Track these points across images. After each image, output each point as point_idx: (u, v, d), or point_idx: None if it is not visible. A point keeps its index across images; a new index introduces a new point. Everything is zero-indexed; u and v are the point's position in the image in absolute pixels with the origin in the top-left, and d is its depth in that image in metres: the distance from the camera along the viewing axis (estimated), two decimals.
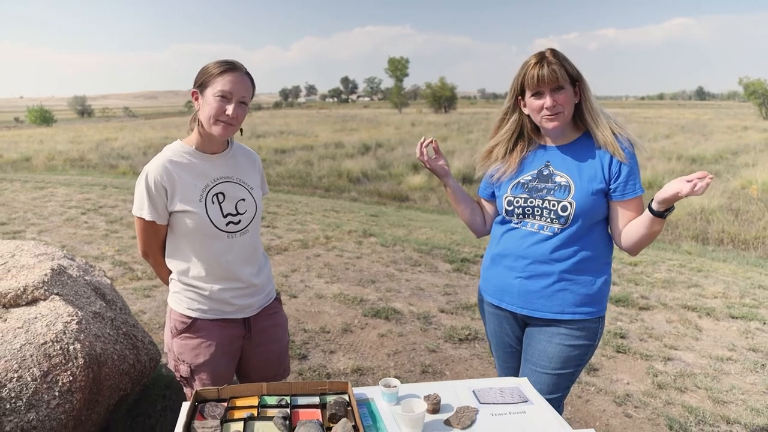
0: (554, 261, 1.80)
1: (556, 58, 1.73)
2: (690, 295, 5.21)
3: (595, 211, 1.78)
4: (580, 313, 1.82)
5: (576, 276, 1.81)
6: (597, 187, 1.76)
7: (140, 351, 2.47)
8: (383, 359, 3.64)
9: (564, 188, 1.78)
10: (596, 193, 1.76)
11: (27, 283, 2.23)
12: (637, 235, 1.75)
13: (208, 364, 1.78)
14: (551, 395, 1.86)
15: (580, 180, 1.77)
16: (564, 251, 1.79)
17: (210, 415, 1.43)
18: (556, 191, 1.79)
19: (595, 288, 1.83)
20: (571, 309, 1.82)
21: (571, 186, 1.77)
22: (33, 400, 1.79)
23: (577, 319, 1.82)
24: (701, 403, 3.22)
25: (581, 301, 1.81)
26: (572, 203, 1.76)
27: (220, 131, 1.69)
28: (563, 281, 1.81)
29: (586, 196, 1.75)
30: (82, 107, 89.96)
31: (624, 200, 1.77)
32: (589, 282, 1.82)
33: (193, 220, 1.72)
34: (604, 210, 1.80)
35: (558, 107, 1.74)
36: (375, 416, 1.51)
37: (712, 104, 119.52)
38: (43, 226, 7.14)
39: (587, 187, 1.76)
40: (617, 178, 1.75)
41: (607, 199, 1.79)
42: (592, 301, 1.83)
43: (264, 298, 1.91)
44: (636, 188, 1.75)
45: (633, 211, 1.77)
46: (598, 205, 1.78)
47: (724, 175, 14.70)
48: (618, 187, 1.75)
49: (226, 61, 1.70)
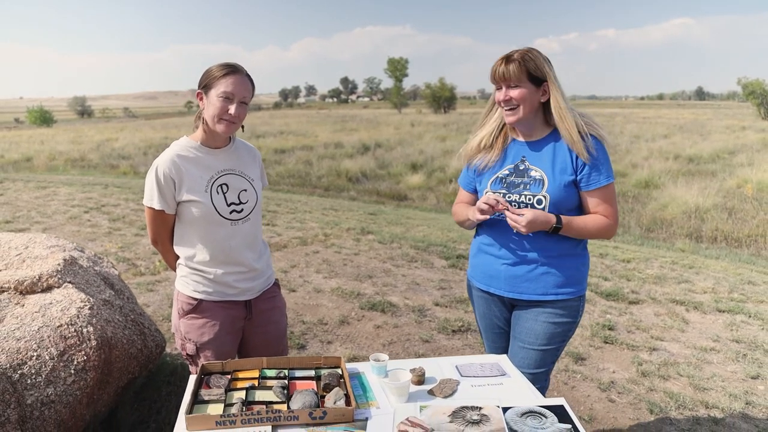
0: (535, 248, 1.96)
1: (522, 58, 1.87)
2: (680, 290, 5.34)
3: (568, 201, 1.94)
4: (563, 294, 1.99)
5: (556, 260, 1.97)
6: (568, 179, 1.91)
7: (147, 337, 2.61)
8: (378, 349, 3.78)
9: (538, 182, 1.93)
10: (568, 185, 1.91)
11: (42, 272, 2.37)
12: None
13: (212, 342, 1.93)
14: (538, 369, 2.04)
15: (553, 174, 1.92)
16: (543, 239, 1.95)
17: (215, 385, 1.58)
18: (531, 185, 1.94)
19: (574, 270, 1.99)
20: (553, 290, 1.98)
21: (545, 180, 1.92)
22: (51, 376, 1.94)
23: (560, 299, 1.99)
24: (683, 389, 3.36)
25: (563, 282, 1.98)
26: (546, 197, 1.91)
27: (224, 129, 1.86)
28: (545, 266, 1.97)
29: (559, 188, 1.91)
30: (82, 108, 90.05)
31: (588, 190, 1.93)
32: (568, 265, 1.98)
33: (199, 208, 1.87)
34: (576, 199, 1.96)
35: (512, 102, 1.90)
36: (365, 387, 1.66)
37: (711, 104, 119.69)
38: (47, 224, 7.28)
39: (560, 179, 1.91)
40: (582, 170, 1.91)
41: (578, 189, 1.94)
42: (573, 282, 1.99)
43: (264, 282, 2.06)
44: (600, 179, 1.90)
45: (597, 200, 1.93)
46: (570, 196, 1.93)
47: (720, 175, 14.84)
48: (582, 178, 1.92)
49: (228, 64, 1.86)
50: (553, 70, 1.90)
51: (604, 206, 1.93)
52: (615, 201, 1.96)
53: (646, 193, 13.22)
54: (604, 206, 1.93)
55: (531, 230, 1.87)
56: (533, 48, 1.91)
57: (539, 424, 1.44)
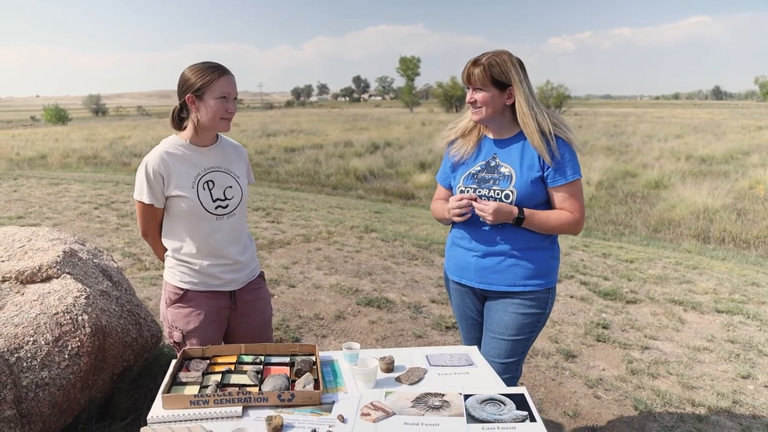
0: (503, 241, 2.04)
1: (488, 63, 1.94)
2: (680, 291, 5.35)
3: (535, 197, 2.01)
4: (531, 285, 2.06)
5: (524, 253, 2.04)
6: (535, 175, 1.99)
7: (143, 327, 2.72)
8: (371, 343, 3.86)
9: (507, 178, 2.01)
10: (535, 180, 1.99)
11: (42, 263, 2.49)
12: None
13: (197, 330, 2.03)
14: (509, 359, 2.12)
15: (521, 170, 2.00)
16: (511, 232, 2.02)
17: (194, 369, 1.68)
18: (500, 181, 2.02)
19: (542, 263, 2.06)
20: (522, 282, 2.05)
21: (513, 176, 2.00)
22: (46, 360, 2.05)
23: (528, 290, 2.05)
24: (671, 387, 3.40)
25: (530, 274, 2.05)
26: (513, 191, 1.99)
27: (226, 126, 1.99)
28: (513, 257, 2.04)
29: (526, 184, 1.98)
30: (97, 106, 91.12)
31: (554, 186, 2.00)
32: (536, 258, 2.05)
33: (186, 203, 1.97)
34: (543, 195, 2.03)
35: (476, 104, 1.98)
36: (336, 373, 1.75)
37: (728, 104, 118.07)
38: (58, 220, 7.46)
39: (527, 176, 1.98)
40: (547, 168, 1.98)
41: (545, 185, 2.01)
42: (541, 274, 2.06)
43: (248, 274, 2.16)
44: (566, 176, 1.97)
45: (563, 195, 2.00)
46: (538, 191, 2.01)
47: (732, 175, 14.72)
48: (549, 175, 1.99)
49: (215, 65, 1.95)
50: (521, 73, 1.96)
51: (569, 202, 2.00)
52: (581, 197, 2.03)
53: (655, 193, 13.17)
54: (569, 202, 2.00)
55: (497, 219, 1.94)
56: (504, 52, 1.97)
57: (497, 411, 1.52)
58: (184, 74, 1.96)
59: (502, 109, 2.00)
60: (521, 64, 2.00)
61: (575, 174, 1.99)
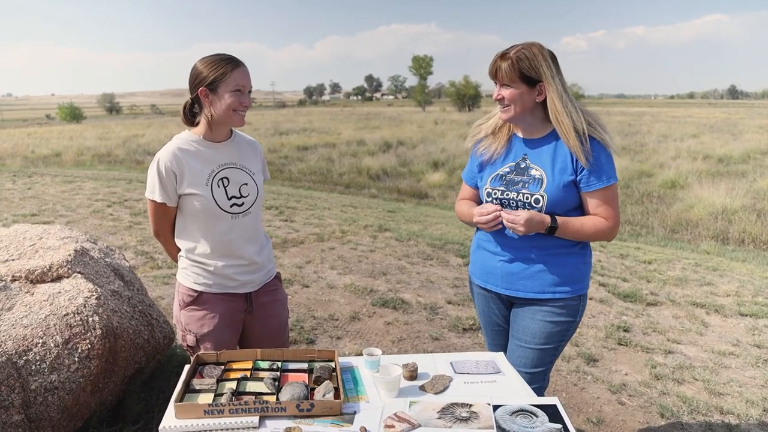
0: (532, 247, 1.93)
1: (516, 57, 1.81)
2: (701, 293, 5.21)
3: (567, 201, 1.89)
4: (560, 292, 1.95)
5: (554, 258, 1.93)
6: (568, 179, 1.86)
7: (155, 328, 2.66)
8: (388, 345, 3.78)
9: (537, 181, 1.89)
10: (567, 185, 1.87)
11: (52, 262, 2.43)
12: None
13: (212, 334, 1.95)
14: (536, 368, 2.01)
15: (552, 174, 1.88)
16: (540, 237, 1.91)
17: (208, 375, 1.60)
18: (530, 184, 1.90)
19: (573, 269, 1.95)
20: (551, 288, 1.94)
21: (544, 179, 1.88)
22: (55, 363, 1.99)
23: (558, 297, 1.94)
24: (697, 394, 3.28)
25: (560, 281, 1.94)
26: (544, 196, 1.87)
27: (240, 120, 1.91)
28: (542, 263, 1.94)
29: (557, 189, 1.86)
30: (111, 104, 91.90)
31: (588, 191, 1.88)
32: (566, 264, 1.94)
33: (200, 202, 1.89)
34: (575, 200, 1.91)
35: (504, 101, 1.87)
36: (357, 381, 1.66)
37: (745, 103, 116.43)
38: (71, 218, 7.46)
39: (559, 180, 1.87)
40: (581, 171, 1.86)
41: (578, 189, 1.90)
42: (571, 280, 1.95)
43: (264, 276, 2.08)
44: (600, 181, 1.85)
45: (597, 201, 1.88)
46: (570, 196, 1.89)
47: (750, 175, 14.44)
48: (582, 179, 1.87)
49: (228, 57, 1.87)
50: (553, 68, 1.83)
51: (603, 207, 1.88)
52: (616, 203, 1.91)
53: (671, 193, 12.94)
54: (604, 207, 1.88)
55: (528, 230, 1.84)
56: (534, 44, 1.84)
57: (529, 423, 1.42)
58: (195, 67, 1.88)
59: (533, 107, 1.89)
60: (554, 57, 1.86)
61: (611, 178, 1.86)
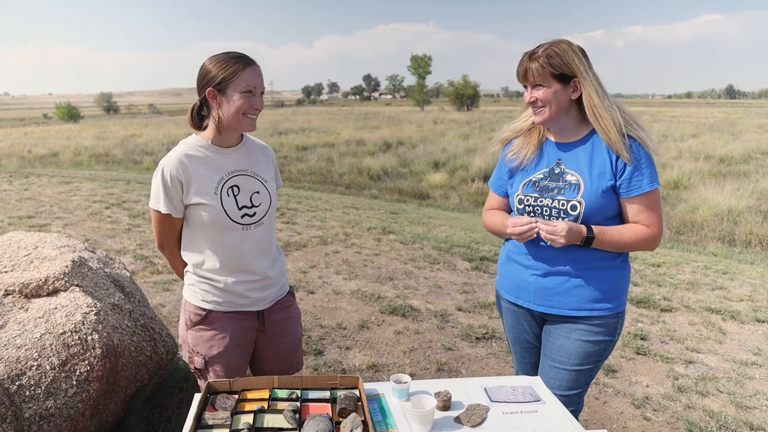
0: (568, 259, 1.79)
1: (545, 55, 1.70)
2: (714, 298, 5.08)
3: (606, 208, 1.75)
4: (598, 309, 1.80)
5: (591, 273, 1.79)
6: (607, 184, 1.73)
7: (157, 343, 2.50)
8: (399, 356, 3.63)
9: (574, 187, 1.75)
10: (606, 190, 1.73)
11: (48, 274, 2.27)
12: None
13: (222, 356, 1.80)
14: (571, 391, 1.86)
15: (590, 179, 1.74)
16: (577, 249, 1.77)
17: (221, 407, 1.45)
18: (566, 190, 1.76)
19: (611, 284, 1.81)
20: (588, 305, 1.80)
21: (581, 185, 1.74)
22: (51, 388, 1.83)
23: (595, 315, 1.80)
24: (723, 407, 3.14)
25: (598, 297, 1.79)
26: (582, 202, 1.73)
27: (249, 124, 1.74)
28: (578, 278, 1.79)
29: (596, 194, 1.73)
30: (108, 104, 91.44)
31: (629, 197, 1.74)
32: (605, 278, 1.79)
33: (208, 212, 1.74)
34: (615, 207, 1.77)
35: (537, 102, 1.74)
36: (385, 411, 1.51)
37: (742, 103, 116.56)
38: (68, 220, 7.29)
39: (597, 185, 1.73)
40: (622, 175, 1.72)
41: (617, 195, 1.76)
42: (610, 297, 1.81)
43: (278, 291, 1.92)
44: (643, 185, 1.71)
45: (639, 207, 1.74)
46: (609, 203, 1.75)
47: (753, 176, 14.33)
48: (623, 184, 1.72)
49: (238, 55, 1.72)
50: (585, 62, 1.71)
51: (645, 214, 1.73)
52: (659, 208, 1.76)
53: (675, 194, 12.81)
54: (646, 214, 1.73)
55: (568, 242, 1.69)
56: (563, 40, 1.72)
57: None
58: (204, 66, 1.73)
59: (568, 107, 1.75)
60: (584, 52, 1.74)
61: (653, 183, 1.72)
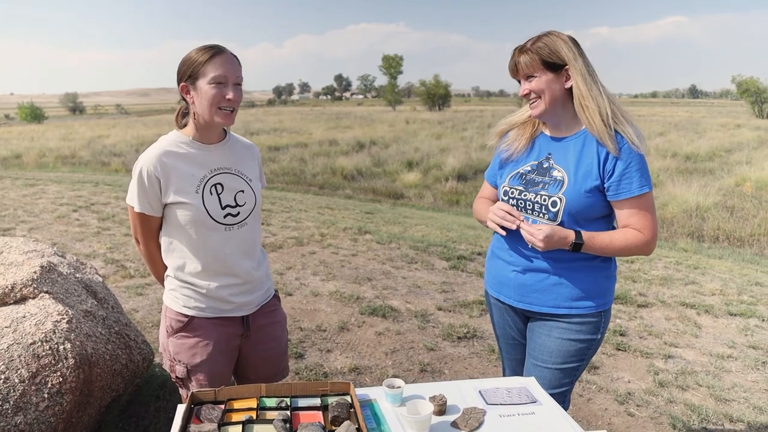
0: (546, 258, 1.76)
1: (535, 46, 1.68)
2: (688, 293, 5.18)
3: (591, 209, 1.70)
4: (578, 308, 1.77)
5: (571, 271, 1.75)
6: (592, 184, 1.67)
7: (133, 350, 2.40)
8: (381, 358, 3.58)
9: (558, 183, 1.71)
10: (591, 191, 1.68)
11: (15, 281, 2.15)
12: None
13: (205, 364, 1.71)
14: (554, 390, 1.83)
15: (575, 176, 1.70)
16: (557, 249, 1.72)
17: (207, 419, 1.37)
18: (550, 186, 1.73)
19: (593, 283, 1.77)
20: (567, 303, 1.77)
21: (565, 181, 1.70)
22: (21, 402, 1.72)
23: (575, 313, 1.77)
24: (703, 401, 3.18)
25: (578, 295, 1.76)
26: (562, 199, 1.69)
27: (223, 118, 1.64)
28: (558, 276, 1.76)
29: (578, 193, 1.68)
30: (74, 104, 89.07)
31: (618, 200, 1.68)
32: (586, 277, 1.76)
33: (189, 211, 1.65)
34: (601, 208, 1.72)
35: (532, 94, 1.71)
36: (379, 418, 1.45)
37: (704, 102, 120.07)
38: (34, 224, 7.03)
39: (581, 184, 1.68)
40: (611, 176, 1.66)
41: (605, 196, 1.71)
42: (591, 295, 1.77)
43: (263, 295, 1.85)
44: (632, 188, 1.65)
45: (630, 210, 1.68)
46: (595, 203, 1.70)
47: (718, 173, 14.74)
48: (611, 186, 1.67)
49: (209, 45, 1.63)
50: (575, 50, 1.67)
51: (636, 218, 1.67)
52: (653, 212, 1.69)
53: None
54: (637, 218, 1.67)
55: (548, 246, 1.65)
56: (552, 31, 1.69)
57: None
58: (180, 63, 1.65)
59: (563, 98, 1.71)
60: (574, 40, 1.70)
61: (643, 187, 1.64)
